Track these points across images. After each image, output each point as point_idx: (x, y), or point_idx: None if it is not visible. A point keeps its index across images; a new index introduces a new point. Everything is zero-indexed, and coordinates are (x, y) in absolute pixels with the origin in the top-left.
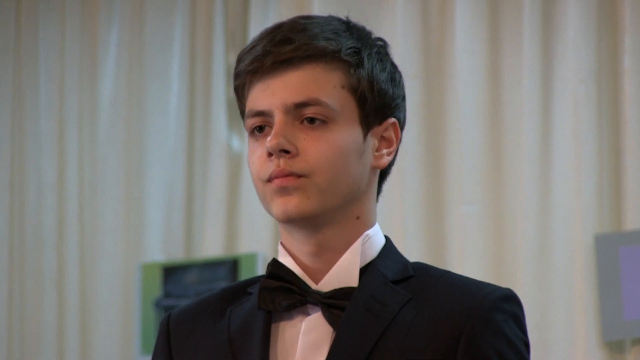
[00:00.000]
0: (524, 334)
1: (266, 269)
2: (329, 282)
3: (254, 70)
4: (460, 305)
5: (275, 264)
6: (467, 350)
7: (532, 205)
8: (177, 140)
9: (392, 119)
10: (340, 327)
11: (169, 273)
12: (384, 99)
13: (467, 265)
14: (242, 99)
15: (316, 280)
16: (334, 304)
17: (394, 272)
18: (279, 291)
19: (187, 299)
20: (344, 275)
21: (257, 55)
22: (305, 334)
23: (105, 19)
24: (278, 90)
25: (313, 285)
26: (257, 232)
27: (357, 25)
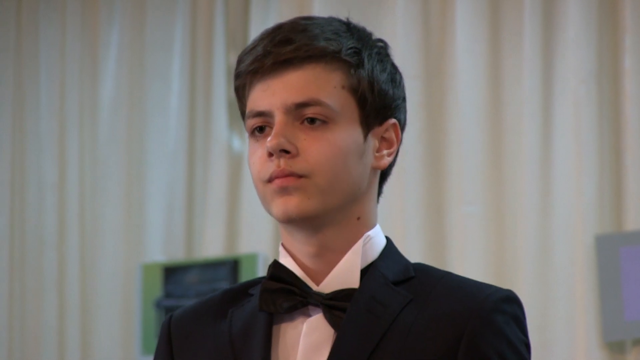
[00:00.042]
0: (524, 335)
1: (267, 271)
2: (330, 284)
3: (254, 70)
4: (461, 306)
5: (276, 265)
6: (467, 351)
7: (533, 205)
8: (178, 140)
9: (393, 120)
10: (342, 329)
11: (169, 273)
12: (384, 99)
13: (467, 266)
14: (242, 100)
15: (317, 281)
16: (335, 305)
17: (395, 273)
18: (280, 293)
19: (187, 299)
20: (345, 276)
21: (258, 55)
22: (307, 336)
23: (106, 19)
24: (278, 91)
25: (314, 286)
26: (258, 233)
27: (358, 26)
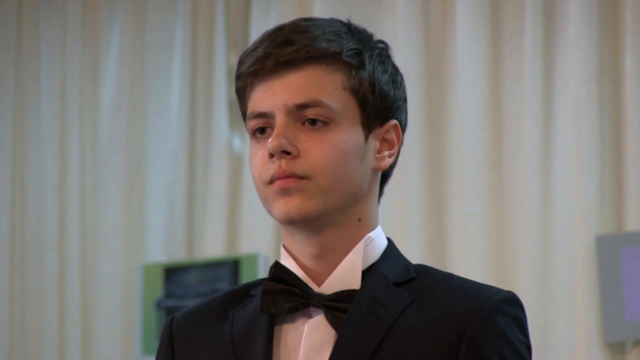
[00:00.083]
0: (525, 337)
1: (268, 272)
2: (331, 285)
3: (255, 71)
4: (462, 307)
5: (278, 266)
6: (468, 352)
7: (534, 206)
8: (179, 141)
9: (394, 121)
10: (343, 330)
11: (170, 274)
12: (385, 100)
13: (468, 266)
14: (243, 101)
15: (318, 282)
16: (336, 307)
17: (396, 274)
18: (282, 294)
19: (188, 299)
20: (346, 277)
21: (259, 56)
22: (308, 337)
23: (107, 19)
24: (279, 92)
25: (315, 287)
26: (258, 233)
27: (359, 28)
